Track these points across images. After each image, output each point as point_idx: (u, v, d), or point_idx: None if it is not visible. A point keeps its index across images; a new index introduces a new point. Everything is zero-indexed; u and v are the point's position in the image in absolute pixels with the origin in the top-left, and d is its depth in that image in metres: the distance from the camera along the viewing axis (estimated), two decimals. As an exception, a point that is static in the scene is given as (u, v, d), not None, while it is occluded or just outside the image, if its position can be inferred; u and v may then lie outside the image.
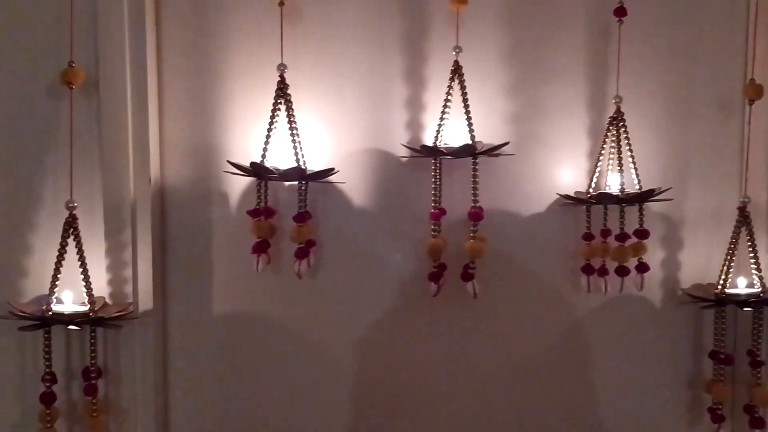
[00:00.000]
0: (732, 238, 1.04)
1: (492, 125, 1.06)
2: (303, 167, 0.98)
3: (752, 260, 1.03)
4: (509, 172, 1.07)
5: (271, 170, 0.95)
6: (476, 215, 1.01)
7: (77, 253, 0.95)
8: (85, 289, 0.96)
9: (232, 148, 1.04)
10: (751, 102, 1.02)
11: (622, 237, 1.03)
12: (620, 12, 1.02)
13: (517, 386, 1.11)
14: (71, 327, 0.93)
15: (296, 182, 1.00)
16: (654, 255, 1.10)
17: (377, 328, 1.09)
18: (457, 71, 1.01)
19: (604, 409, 1.12)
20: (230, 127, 1.04)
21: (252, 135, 1.03)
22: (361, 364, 1.09)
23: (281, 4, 0.98)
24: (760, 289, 1.02)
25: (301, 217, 0.98)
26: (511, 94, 1.06)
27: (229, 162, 0.98)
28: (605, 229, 1.05)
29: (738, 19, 1.05)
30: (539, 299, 1.09)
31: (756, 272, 1.03)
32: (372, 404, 1.10)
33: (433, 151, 0.99)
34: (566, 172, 1.08)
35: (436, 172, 1.02)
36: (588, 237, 1.05)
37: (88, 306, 0.95)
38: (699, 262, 1.10)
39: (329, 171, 0.97)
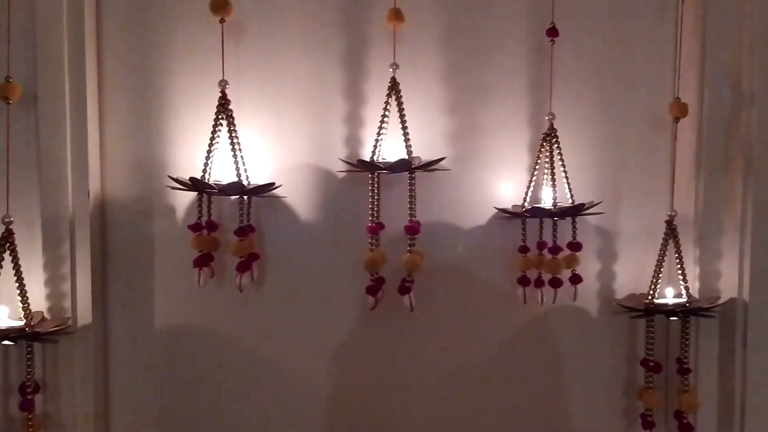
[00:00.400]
0: (660, 250, 1.07)
1: (431, 141, 1.09)
2: (243, 182, 0.99)
3: (679, 271, 1.07)
4: (449, 187, 1.10)
5: (210, 185, 0.96)
6: (413, 229, 1.03)
7: (13, 268, 0.95)
8: (21, 304, 0.95)
9: (175, 163, 1.05)
10: (677, 120, 1.06)
11: (555, 250, 1.06)
12: (552, 33, 1.05)
13: (456, 397, 1.13)
14: (5, 342, 0.93)
15: (237, 197, 1.01)
16: (590, 266, 1.13)
17: (317, 341, 1.10)
18: (394, 87, 1.03)
19: (543, 417, 1.15)
20: (173, 141, 1.05)
21: (195, 150, 1.04)
22: (301, 376, 1.10)
23: (222, 21, 0.99)
24: (686, 299, 1.06)
25: (242, 232, 0.99)
26: (449, 110, 1.09)
27: (170, 177, 0.99)
28: (541, 241, 1.08)
29: (666, 41, 1.09)
30: (477, 311, 1.12)
31: (683, 283, 1.07)
32: (311, 415, 1.11)
33: (370, 166, 1.01)
34: (505, 186, 1.11)
35: (373, 186, 1.04)
36: (524, 249, 1.08)
37: (24, 321, 0.95)
38: (633, 272, 1.14)
39: (269, 186, 0.98)
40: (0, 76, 0.94)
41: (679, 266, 1.07)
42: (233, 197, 1.03)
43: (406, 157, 1.02)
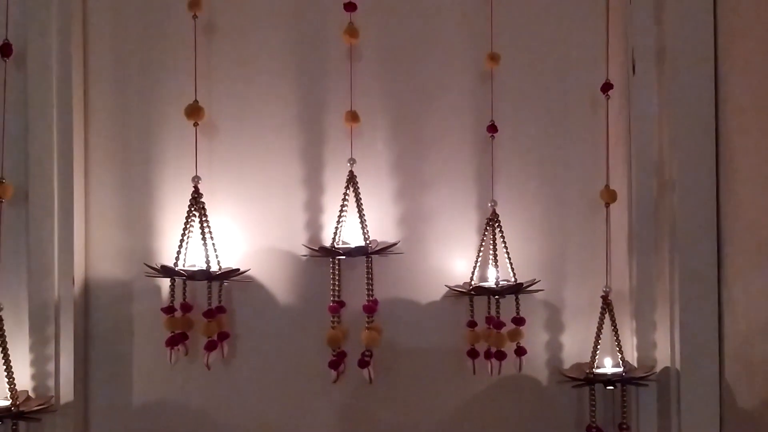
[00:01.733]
0: (598, 324, 1.17)
1: (387, 225, 1.20)
2: (210, 269, 1.08)
3: (615, 343, 1.16)
4: (405, 266, 1.20)
5: (179, 272, 1.06)
6: (370, 308, 1.13)
7: (1, 351, 1.03)
8: (8, 385, 1.03)
9: (155, 251, 1.16)
10: (607, 205, 1.17)
11: (498, 325, 1.15)
12: (492, 129, 1.18)
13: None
14: (-8, 421, 1.01)
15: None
16: (538, 337, 1.22)
17: (284, 412, 1.18)
18: (351, 180, 1.15)
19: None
20: (153, 231, 1.16)
21: (173, 238, 1.14)
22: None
23: (195, 124, 1.11)
24: (623, 369, 1.15)
25: (210, 313, 1.09)
26: (403, 197, 1.20)
27: (145, 264, 1.09)
28: (489, 316, 1.17)
29: (598, 133, 1.21)
30: (432, 382, 1.20)
31: (619, 354, 1.16)
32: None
33: (330, 252, 1.11)
34: (457, 264, 1.21)
35: (334, 269, 1.14)
36: (471, 324, 1.17)
37: (10, 401, 1.03)
38: (579, 342, 1.22)
39: (234, 272, 1.08)
40: (-7, 176, 1.04)
41: (615, 338, 1.16)
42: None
43: (363, 243, 1.12)
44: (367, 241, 1.14)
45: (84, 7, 1.14)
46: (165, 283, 1.14)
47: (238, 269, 1.10)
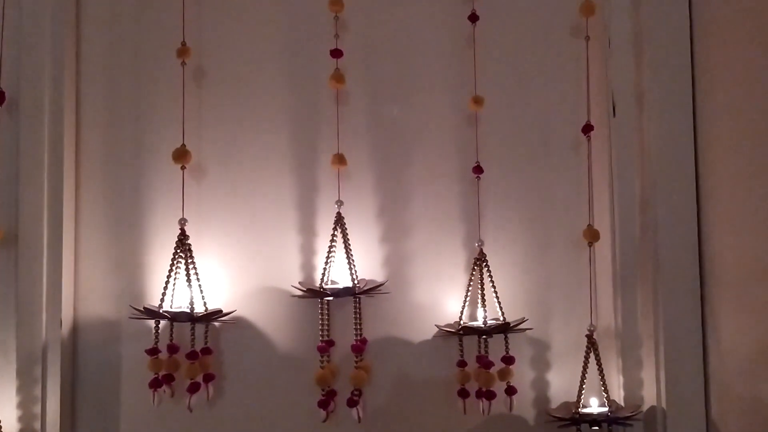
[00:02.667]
0: (583, 363, 1.17)
1: (376, 264, 1.21)
2: (192, 311, 1.09)
3: (600, 382, 1.17)
4: (395, 305, 1.21)
5: (162, 313, 1.07)
6: (358, 348, 1.14)
7: (-13, 394, 1.04)
8: (-7, 428, 1.04)
9: (142, 292, 1.17)
10: (590, 244, 1.19)
11: (487, 364, 1.16)
12: (477, 170, 1.20)
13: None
14: (-23, 464, 1.01)
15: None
16: (525, 376, 1.22)
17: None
18: (339, 221, 1.16)
19: None
20: (141, 273, 1.18)
21: (161, 280, 1.15)
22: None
23: (183, 168, 1.13)
24: (608, 408, 1.15)
25: (192, 355, 1.10)
26: (392, 237, 1.22)
27: (131, 306, 1.10)
28: (479, 355, 1.18)
29: (581, 173, 1.23)
30: (422, 422, 1.20)
31: (604, 393, 1.17)
32: None
33: (318, 293, 1.13)
34: (448, 303, 1.22)
35: (322, 309, 1.15)
36: (461, 364, 1.18)
37: (-4, 443, 1.03)
38: (567, 381, 1.22)
39: (216, 313, 1.10)
40: (-15, 222, 1.06)
41: (600, 378, 1.17)
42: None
43: (350, 284, 1.14)
44: (355, 282, 1.15)
45: (77, 55, 1.17)
46: (150, 324, 1.14)
47: (221, 310, 1.11)
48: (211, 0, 1.22)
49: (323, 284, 1.15)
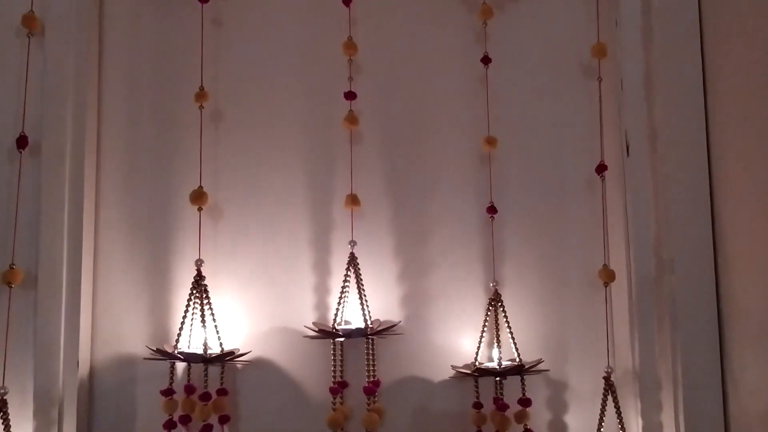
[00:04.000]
0: (601, 405, 1.16)
1: (391, 304, 1.21)
2: (205, 352, 1.10)
3: (619, 425, 1.15)
4: (410, 345, 1.20)
5: (175, 354, 1.08)
6: (370, 390, 1.13)
7: (5, 436, 1.04)
8: (10, 470, 1.04)
9: (160, 333, 1.18)
10: (606, 284, 1.18)
11: (502, 407, 1.15)
12: (491, 210, 1.20)
13: None
14: (-7, 507, 1.01)
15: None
16: (542, 417, 1.20)
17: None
18: (352, 261, 1.17)
19: None
20: (158, 314, 1.18)
21: (177, 321, 1.16)
22: None
23: (199, 209, 1.15)
24: (629, 454, 1.13)
25: (205, 396, 1.10)
26: (407, 277, 1.22)
27: (147, 347, 1.11)
28: (496, 397, 1.17)
29: (595, 213, 1.23)
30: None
31: (624, 438, 1.15)
32: None
33: (329, 334, 1.13)
34: (464, 343, 1.21)
35: (335, 351, 1.15)
36: (477, 406, 1.17)
37: (11, 486, 1.03)
38: (585, 423, 1.21)
39: (229, 354, 1.10)
40: (5, 262, 1.08)
41: (618, 421, 1.15)
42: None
43: (363, 324, 1.14)
44: (368, 322, 1.15)
45: (98, 100, 1.20)
46: (164, 365, 1.15)
47: (232, 352, 1.11)
48: (227, 45, 1.24)
49: (336, 324, 1.16)
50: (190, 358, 1.09)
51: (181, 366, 1.13)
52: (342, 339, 1.14)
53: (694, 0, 1.20)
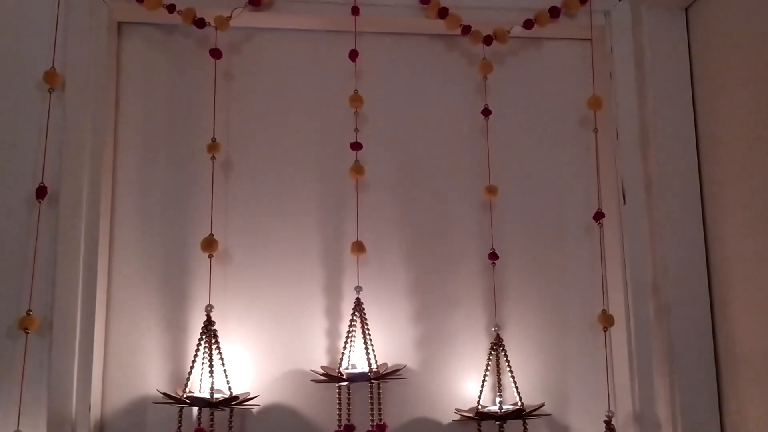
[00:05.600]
0: (602, 451, 1.18)
1: (398, 348, 1.24)
2: (211, 396, 1.12)
3: (622, 470, 1.17)
4: (416, 388, 1.23)
5: (183, 399, 1.11)
6: (375, 435, 1.15)
7: (17, 478, 1.07)
8: None
9: (171, 378, 1.20)
10: (605, 329, 1.21)
11: (504, 450, 1.17)
12: (493, 257, 1.24)
13: None
14: None
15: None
16: (545, 460, 1.23)
17: None
18: (358, 306, 1.20)
19: None
20: (168, 359, 1.21)
21: (187, 366, 1.18)
22: None
23: (210, 256, 1.19)
24: (629, 497, 1.15)
25: (210, 442, 1.12)
26: (414, 320, 1.25)
27: (158, 391, 1.14)
28: (501, 442, 1.19)
29: (595, 258, 1.27)
30: None
31: (625, 481, 1.16)
32: None
33: (334, 378, 1.15)
34: (469, 387, 1.23)
35: (341, 395, 1.17)
36: (480, 450, 1.19)
37: None
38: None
39: (234, 399, 1.12)
40: (22, 309, 1.11)
41: (621, 464, 1.17)
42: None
43: (367, 368, 1.16)
44: (372, 366, 1.17)
45: (114, 151, 1.25)
46: (173, 409, 1.17)
47: (237, 397, 1.13)
48: (239, 98, 1.29)
49: (342, 368, 1.18)
50: (197, 402, 1.12)
51: (193, 410, 1.15)
52: (345, 383, 1.16)
53: (685, 53, 1.25)
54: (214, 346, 1.16)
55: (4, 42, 1.20)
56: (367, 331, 1.19)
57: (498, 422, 1.17)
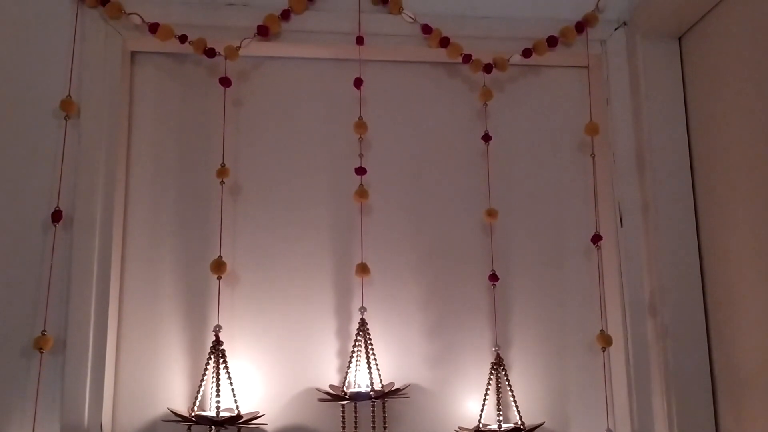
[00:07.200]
0: (599, 469, 1.20)
1: (400, 368, 1.27)
2: (217, 416, 1.15)
3: (620, 487, 1.19)
4: (419, 408, 1.26)
5: (190, 418, 1.14)
6: (379, 452, 1.18)
7: (29, 496, 1.09)
8: None
9: (179, 397, 1.23)
10: (604, 349, 1.23)
11: (504, 469, 1.19)
12: (493, 278, 1.27)
13: None
14: None
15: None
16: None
17: None
18: (362, 327, 1.23)
19: None
20: (177, 379, 1.24)
21: (196, 385, 1.22)
22: None
23: (219, 278, 1.22)
24: None
25: (218, 462, 1.15)
26: (414, 342, 1.28)
27: (168, 409, 1.17)
28: (501, 461, 1.21)
29: (593, 279, 1.30)
30: None
31: (624, 498, 1.18)
32: None
33: (337, 397, 1.18)
34: (471, 406, 1.26)
35: (344, 413, 1.20)
36: (481, 470, 1.21)
37: None
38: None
39: (239, 417, 1.15)
40: (37, 329, 1.15)
41: (618, 483, 1.19)
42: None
43: (370, 387, 1.19)
44: (375, 385, 1.20)
45: (126, 176, 1.29)
46: (196, 428, 1.19)
47: (241, 416, 1.16)
48: (247, 124, 1.34)
49: (347, 387, 1.21)
50: (202, 421, 1.15)
51: (202, 429, 1.18)
52: (347, 402, 1.19)
53: (679, 80, 1.29)
54: (221, 366, 1.19)
55: (23, 72, 1.24)
56: (371, 351, 1.22)
57: (500, 439, 1.20)
